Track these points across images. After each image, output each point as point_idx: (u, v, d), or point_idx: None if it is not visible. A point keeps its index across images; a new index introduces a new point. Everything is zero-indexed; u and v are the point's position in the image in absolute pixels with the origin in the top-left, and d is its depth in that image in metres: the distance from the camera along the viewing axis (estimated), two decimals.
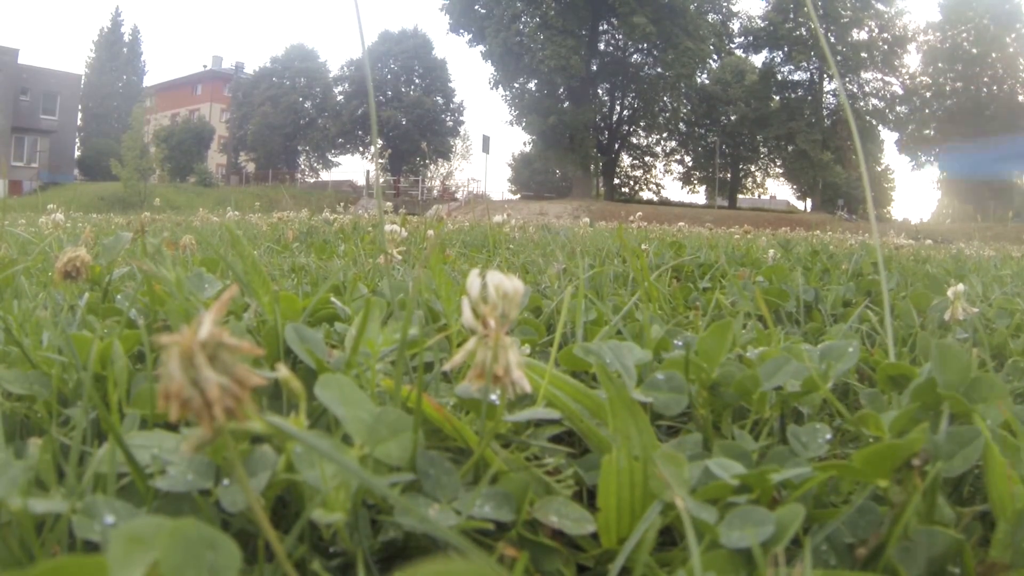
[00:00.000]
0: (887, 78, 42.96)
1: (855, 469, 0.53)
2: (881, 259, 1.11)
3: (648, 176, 49.27)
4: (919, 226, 27.86)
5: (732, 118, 44.48)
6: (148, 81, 51.38)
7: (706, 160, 46.70)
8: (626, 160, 48.57)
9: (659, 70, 42.12)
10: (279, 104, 45.37)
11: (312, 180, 48.25)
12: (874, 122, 42.96)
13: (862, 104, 42.38)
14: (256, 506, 0.42)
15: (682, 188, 52.03)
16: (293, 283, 1.58)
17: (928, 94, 41.48)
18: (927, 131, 41.82)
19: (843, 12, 40.14)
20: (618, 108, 45.86)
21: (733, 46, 45.28)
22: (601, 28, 42.40)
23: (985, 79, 39.68)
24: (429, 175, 48.14)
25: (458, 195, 38.73)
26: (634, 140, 47.74)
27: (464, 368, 0.62)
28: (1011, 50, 39.05)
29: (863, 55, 41.20)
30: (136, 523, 0.36)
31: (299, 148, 48.19)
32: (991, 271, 2.88)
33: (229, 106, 50.40)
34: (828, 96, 42.11)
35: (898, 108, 42.79)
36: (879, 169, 48.11)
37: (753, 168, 48.82)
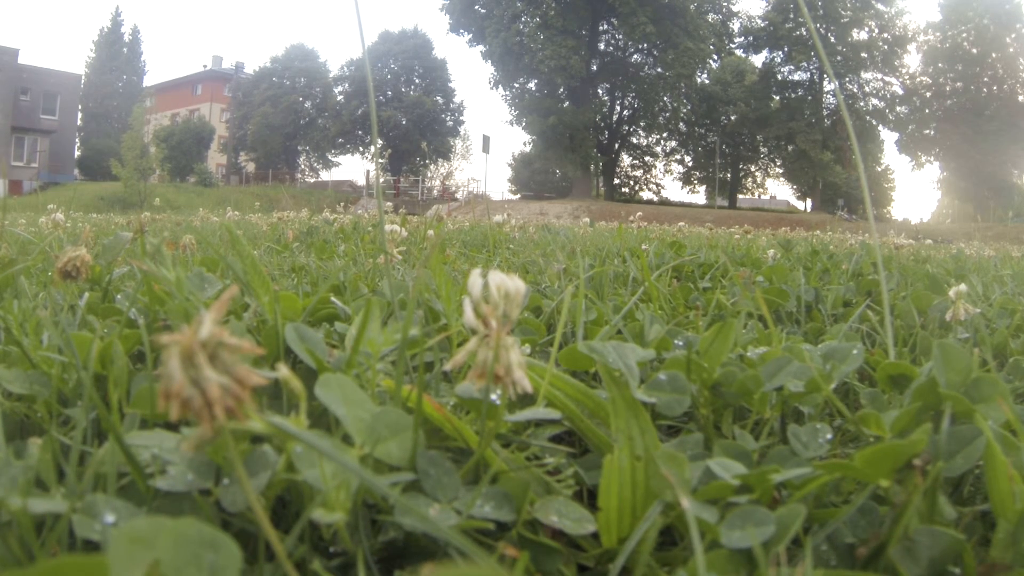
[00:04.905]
0: (887, 78, 43.00)
1: (857, 469, 0.53)
2: (880, 259, 1.10)
3: (648, 176, 49.32)
4: (919, 226, 27.88)
5: (732, 118, 44.49)
6: (148, 81, 51.46)
7: (706, 160, 46.72)
8: (626, 160, 48.66)
9: (659, 70, 42.13)
10: (279, 104, 45.37)
11: (312, 180, 48.30)
12: (874, 122, 42.98)
13: (862, 104, 42.39)
14: (256, 506, 0.42)
15: (682, 188, 52.18)
16: (293, 283, 1.58)
17: (928, 94, 41.48)
18: (927, 131, 41.84)
19: (843, 12, 40.15)
20: (618, 108, 45.89)
21: (733, 46, 45.31)
22: (601, 28, 42.42)
23: (985, 79, 39.68)
24: (429, 175, 48.17)
25: (458, 195, 38.74)
26: (634, 140, 47.79)
27: (465, 368, 0.62)
28: (1011, 50, 39.05)
29: (863, 55, 41.21)
30: (136, 523, 0.36)
31: (299, 148, 48.21)
32: (991, 271, 2.88)
33: (229, 106, 50.41)
34: (828, 96, 42.14)
35: (898, 108, 42.80)
36: (879, 169, 48.14)
37: (753, 168, 48.84)
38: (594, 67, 43.00)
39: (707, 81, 44.79)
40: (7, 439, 0.60)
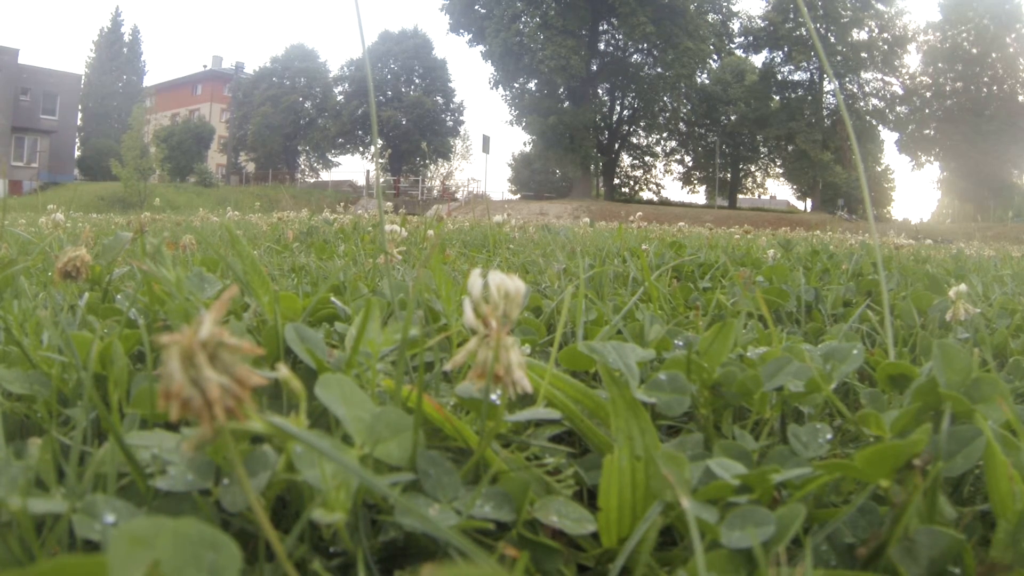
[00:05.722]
0: (887, 78, 43.00)
1: (857, 469, 0.53)
2: (880, 259, 1.10)
3: (648, 176, 49.32)
4: (919, 226, 27.88)
5: (732, 118, 44.50)
6: (148, 81, 51.47)
7: (706, 160, 46.72)
8: (626, 160, 48.66)
9: (659, 70, 42.15)
10: (279, 104, 45.36)
11: (312, 180, 48.31)
12: (874, 122, 42.98)
13: (862, 104, 42.38)
14: (256, 506, 0.42)
15: (682, 188, 52.21)
16: (293, 283, 1.58)
17: (928, 94, 41.48)
18: (927, 131, 41.83)
19: (843, 12, 40.14)
20: (618, 108, 45.90)
21: (733, 46, 45.32)
22: (601, 28, 42.43)
23: (985, 79, 39.67)
24: (429, 175, 48.16)
25: (458, 195, 38.73)
26: (634, 140, 47.79)
27: (465, 368, 0.62)
28: (1011, 50, 39.05)
29: (863, 55, 41.21)
30: (136, 523, 0.36)
31: (299, 148, 48.22)
32: (991, 271, 2.88)
33: (229, 106, 50.41)
34: (828, 96, 42.13)
35: (898, 108, 42.81)
36: (879, 169, 48.12)
37: (753, 168, 48.84)
38: (594, 67, 43.00)
39: (707, 81, 44.79)
40: (7, 439, 0.60)
